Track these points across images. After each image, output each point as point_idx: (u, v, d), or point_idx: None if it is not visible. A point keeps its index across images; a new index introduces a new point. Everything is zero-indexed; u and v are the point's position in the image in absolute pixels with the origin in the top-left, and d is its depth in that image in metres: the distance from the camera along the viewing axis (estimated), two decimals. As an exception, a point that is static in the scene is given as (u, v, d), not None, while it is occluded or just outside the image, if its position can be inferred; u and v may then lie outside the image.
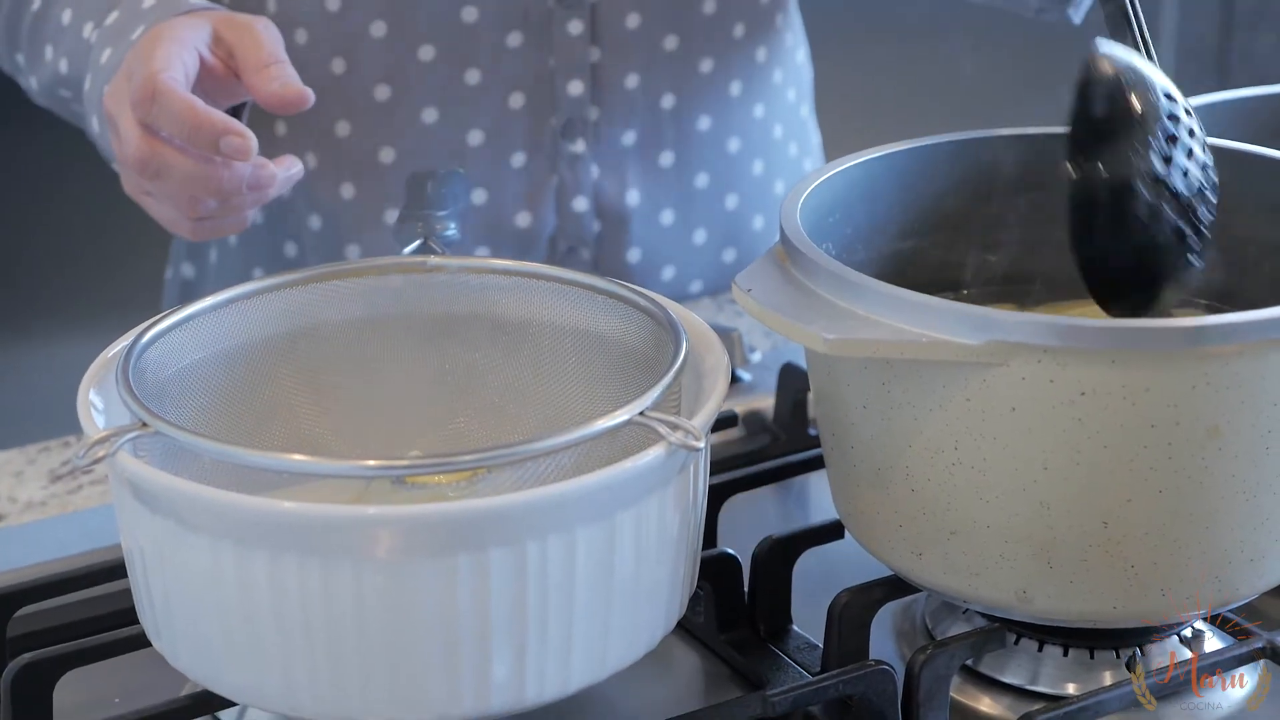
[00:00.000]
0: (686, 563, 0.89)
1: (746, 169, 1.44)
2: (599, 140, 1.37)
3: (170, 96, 1.04)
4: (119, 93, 1.08)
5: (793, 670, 0.96)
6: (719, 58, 1.38)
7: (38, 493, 1.18)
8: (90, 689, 0.95)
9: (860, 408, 0.91)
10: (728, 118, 1.41)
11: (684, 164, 1.40)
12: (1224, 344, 0.84)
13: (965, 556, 0.90)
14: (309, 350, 0.98)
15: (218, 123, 1.03)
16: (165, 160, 1.06)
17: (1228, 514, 0.87)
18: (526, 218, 1.37)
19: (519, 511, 0.80)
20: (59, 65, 1.25)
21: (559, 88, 1.34)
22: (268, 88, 1.07)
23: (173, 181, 1.06)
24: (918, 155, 1.03)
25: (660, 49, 1.36)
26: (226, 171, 1.06)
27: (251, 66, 1.08)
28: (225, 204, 1.08)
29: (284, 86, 1.07)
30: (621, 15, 1.34)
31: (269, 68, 1.07)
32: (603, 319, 0.96)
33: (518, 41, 1.32)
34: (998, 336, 0.84)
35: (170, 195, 1.08)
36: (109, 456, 0.82)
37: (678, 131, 1.39)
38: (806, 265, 0.90)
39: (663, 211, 1.41)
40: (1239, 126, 1.22)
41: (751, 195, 1.45)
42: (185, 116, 1.04)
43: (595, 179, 1.38)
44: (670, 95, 1.38)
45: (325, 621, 0.81)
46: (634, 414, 0.83)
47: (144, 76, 1.05)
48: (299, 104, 1.07)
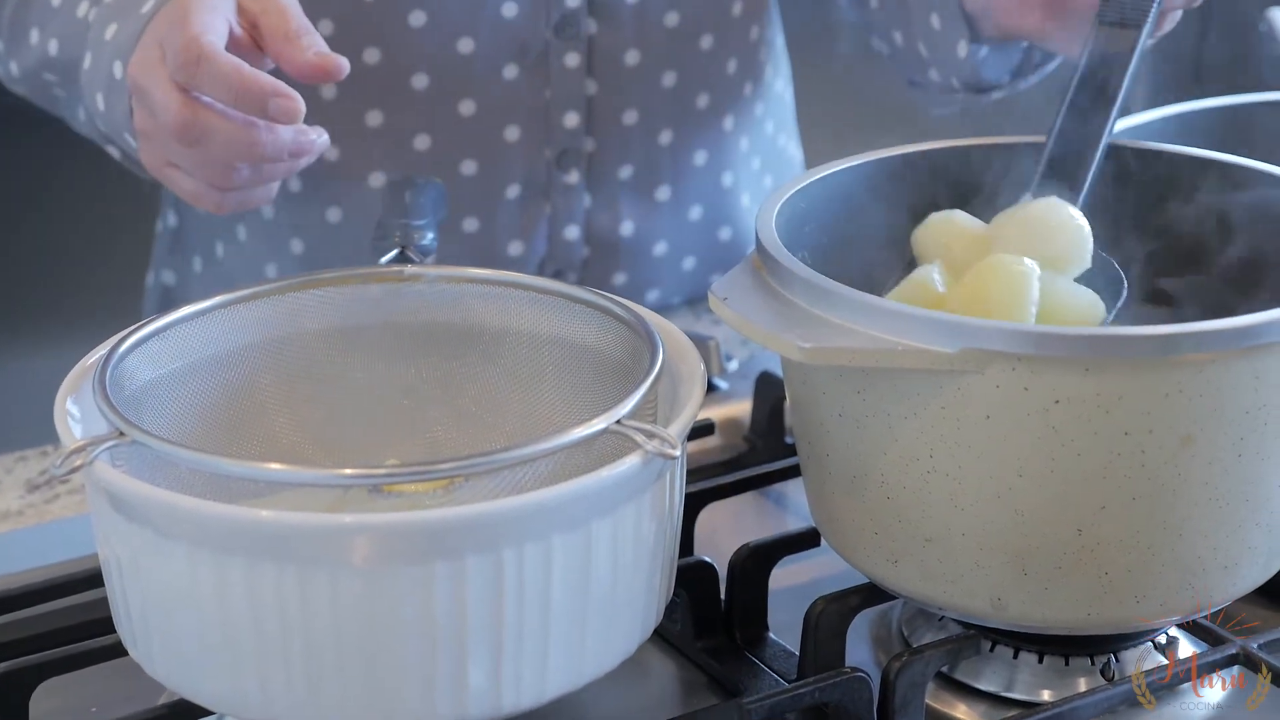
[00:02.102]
0: (663, 571, 0.89)
1: (737, 201, 1.44)
2: (592, 171, 1.37)
3: (216, 59, 1.01)
4: (149, 62, 1.05)
5: (769, 678, 0.97)
6: (714, 93, 1.38)
7: (14, 502, 1.18)
8: (67, 698, 0.95)
9: (836, 415, 0.91)
10: (721, 152, 1.41)
11: (680, 198, 1.41)
12: (1197, 352, 0.84)
13: (940, 564, 0.90)
14: (286, 359, 0.98)
15: (265, 84, 1.01)
16: (208, 124, 1.03)
17: (1201, 521, 0.88)
18: (518, 246, 1.37)
19: (495, 520, 0.81)
20: (48, 47, 1.24)
21: (554, 119, 1.34)
22: (302, 56, 1.03)
23: (213, 147, 1.04)
24: (892, 164, 1.03)
25: (658, 86, 1.36)
26: (270, 135, 1.02)
27: (280, 36, 1.04)
28: (259, 173, 1.06)
29: (319, 55, 1.03)
30: (620, 51, 1.33)
31: (301, 37, 1.05)
32: (580, 328, 0.97)
33: (514, 74, 1.32)
34: (973, 344, 0.85)
35: (206, 163, 1.05)
36: (86, 466, 0.82)
37: (675, 167, 1.39)
38: (782, 274, 0.91)
39: (656, 243, 1.41)
40: (1215, 135, 1.23)
41: (743, 227, 1.45)
42: (233, 78, 1.01)
43: (587, 208, 1.38)
44: (668, 131, 1.38)
45: (302, 630, 0.81)
46: (610, 423, 0.84)
47: (185, 39, 1.02)
48: (336, 73, 1.03)
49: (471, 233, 1.35)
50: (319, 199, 1.35)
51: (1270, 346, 0.85)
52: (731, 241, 1.45)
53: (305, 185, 1.35)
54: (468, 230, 1.35)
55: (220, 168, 1.05)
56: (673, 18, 1.34)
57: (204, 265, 1.45)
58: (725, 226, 1.45)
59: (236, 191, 1.07)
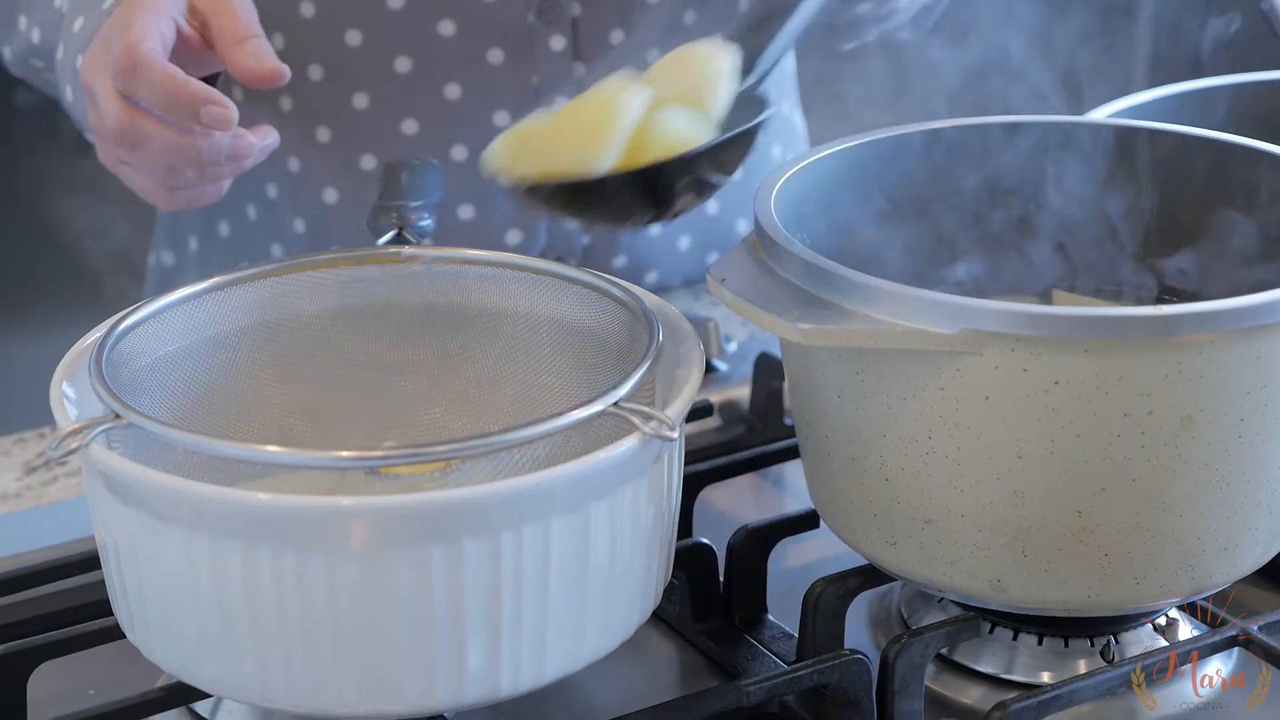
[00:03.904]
0: (661, 553, 0.89)
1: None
2: None
3: (151, 66, 1.03)
4: (96, 62, 1.07)
5: (768, 660, 0.96)
6: None
7: (12, 484, 1.18)
8: (64, 681, 0.95)
9: (834, 397, 0.91)
10: None
11: None
12: (1197, 333, 0.84)
13: (940, 546, 0.90)
14: (283, 341, 0.98)
15: (198, 92, 1.02)
16: (144, 130, 1.05)
17: (1201, 502, 0.87)
18: (517, 235, 1.37)
19: (493, 502, 0.80)
20: (31, 35, 1.25)
21: (544, 104, 1.33)
22: (244, 63, 1.06)
23: (152, 152, 1.06)
24: (891, 145, 1.03)
25: (645, 63, 1.35)
26: (206, 141, 1.05)
27: (227, 39, 1.07)
28: (203, 174, 1.08)
29: (259, 61, 1.06)
30: (604, 31, 1.33)
31: (245, 42, 1.06)
32: (577, 309, 0.96)
33: (499, 58, 1.32)
34: (972, 326, 0.84)
35: (148, 166, 1.08)
36: (82, 448, 0.82)
37: None
38: (781, 255, 0.90)
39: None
40: (1215, 114, 1.23)
41: (732, 200, 1.44)
42: (166, 86, 1.03)
43: None
44: None
45: (299, 613, 0.81)
46: (608, 405, 0.83)
47: (124, 46, 1.04)
48: (273, 80, 1.06)
49: (468, 219, 1.35)
50: (316, 180, 1.35)
51: (1271, 327, 0.85)
52: (721, 217, 1.44)
53: (303, 167, 1.35)
54: (464, 217, 1.35)
55: (164, 169, 1.06)
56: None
57: (201, 246, 1.44)
58: (714, 201, 1.44)
59: (184, 190, 1.09)
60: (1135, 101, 1.24)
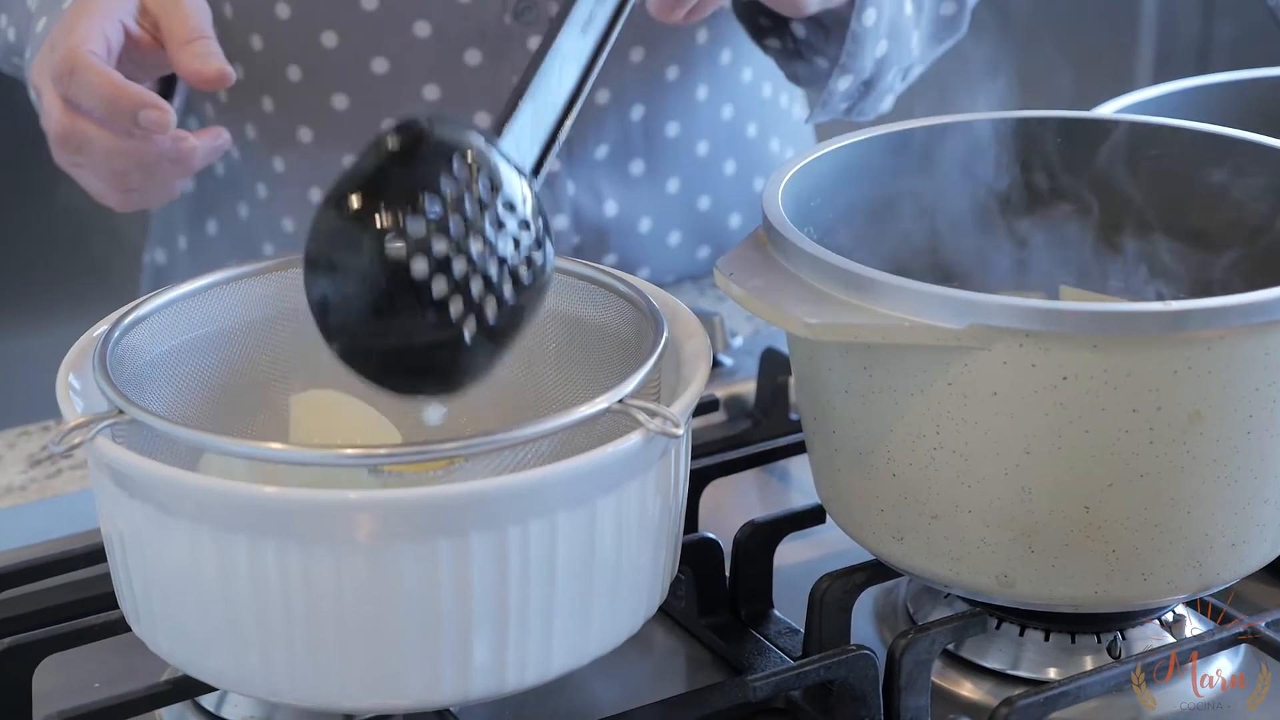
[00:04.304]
0: (668, 547, 0.89)
1: (718, 170, 1.43)
2: (571, 156, 1.36)
3: (89, 70, 1.03)
4: (44, 65, 1.08)
5: (774, 655, 0.96)
6: (684, 65, 1.37)
7: (17, 477, 1.18)
8: (70, 674, 0.95)
9: (842, 392, 0.90)
10: (695, 122, 1.40)
11: (654, 171, 1.40)
12: (1206, 329, 0.84)
13: (947, 541, 0.90)
14: (288, 335, 0.97)
15: (135, 96, 1.03)
16: (85, 134, 1.05)
17: (1209, 498, 0.87)
18: None
19: (500, 496, 0.80)
20: (8, 34, 1.25)
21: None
22: (189, 64, 1.06)
23: (95, 155, 1.06)
24: (899, 139, 1.02)
25: (627, 61, 1.35)
26: (146, 145, 1.05)
27: (176, 41, 1.07)
28: (149, 176, 1.08)
29: (204, 63, 1.06)
30: None
31: (192, 43, 1.06)
32: (583, 304, 0.96)
33: (476, 59, 1.31)
34: (980, 321, 0.84)
35: (94, 168, 1.08)
36: (85, 443, 0.82)
37: (646, 140, 1.38)
38: (788, 249, 0.90)
39: (640, 219, 1.41)
40: (1219, 111, 1.22)
41: (724, 195, 1.44)
42: (103, 90, 1.03)
43: (572, 196, 1.37)
44: (640, 106, 1.37)
45: (305, 606, 0.81)
46: (613, 402, 0.83)
47: (65, 49, 1.05)
48: (218, 82, 1.06)
49: None
50: (301, 180, 1.35)
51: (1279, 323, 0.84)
52: (710, 211, 1.44)
53: (287, 167, 1.35)
54: None
55: (108, 172, 1.07)
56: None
57: (190, 244, 1.44)
58: (704, 196, 1.43)
59: (134, 191, 1.10)
60: (1142, 97, 1.24)
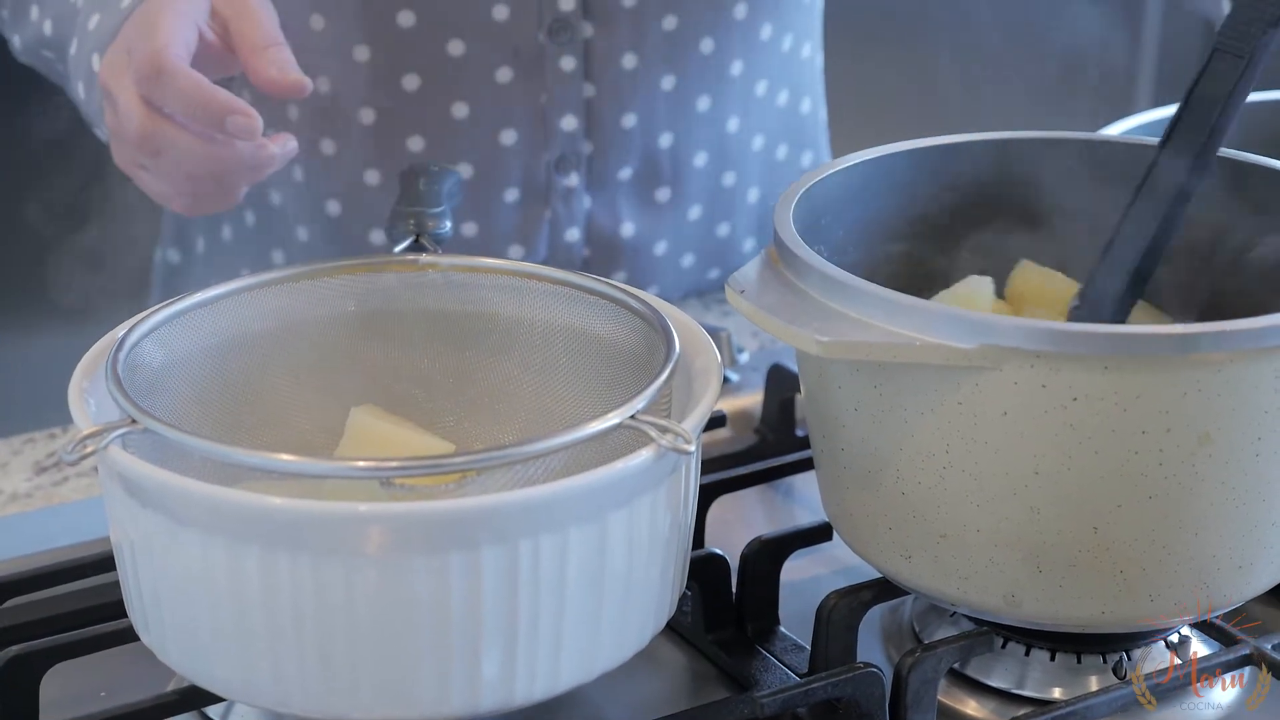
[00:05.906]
0: (676, 563, 0.89)
1: (742, 198, 1.43)
2: (592, 173, 1.36)
3: (176, 74, 1.02)
4: (117, 66, 1.07)
5: (780, 671, 0.96)
6: (716, 95, 1.38)
7: (23, 484, 1.18)
8: (77, 682, 0.95)
9: (851, 410, 0.91)
10: (725, 152, 1.41)
11: (679, 199, 1.40)
12: (1216, 351, 0.84)
13: (954, 560, 0.90)
14: (300, 346, 0.97)
15: (225, 102, 1.02)
16: (167, 137, 1.04)
17: (1217, 520, 0.88)
18: (518, 250, 1.36)
19: (512, 510, 0.80)
20: (43, 27, 1.24)
21: (552, 123, 1.33)
22: (266, 72, 1.05)
23: (172, 158, 1.05)
24: (910, 158, 1.03)
25: (658, 89, 1.35)
26: (228, 150, 1.05)
27: (250, 46, 1.06)
28: (221, 182, 1.08)
29: (282, 72, 1.05)
30: (617, 55, 1.33)
31: (268, 49, 1.06)
32: (595, 319, 0.96)
33: (508, 77, 1.31)
34: (991, 341, 0.85)
35: (167, 171, 1.07)
36: (98, 452, 0.82)
37: (674, 169, 1.39)
38: (799, 267, 0.90)
39: (657, 243, 1.41)
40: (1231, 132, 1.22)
41: (744, 220, 1.45)
42: (192, 94, 1.02)
43: (588, 209, 1.37)
44: (668, 134, 1.37)
45: (316, 618, 0.81)
46: (625, 417, 0.83)
47: (148, 52, 1.03)
48: (295, 91, 1.05)
49: (470, 237, 1.35)
50: (320, 191, 1.35)
51: (1289, 346, 0.85)
52: (729, 237, 1.45)
53: (307, 177, 1.35)
54: (466, 235, 1.35)
55: (181, 176, 1.06)
56: (671, 21, 1.33)
57: (207, 246, 1.44)
58: (724, 223, 1.44)
59: (201, 196, 1.09)
60: (1146, 119, 1.25)
